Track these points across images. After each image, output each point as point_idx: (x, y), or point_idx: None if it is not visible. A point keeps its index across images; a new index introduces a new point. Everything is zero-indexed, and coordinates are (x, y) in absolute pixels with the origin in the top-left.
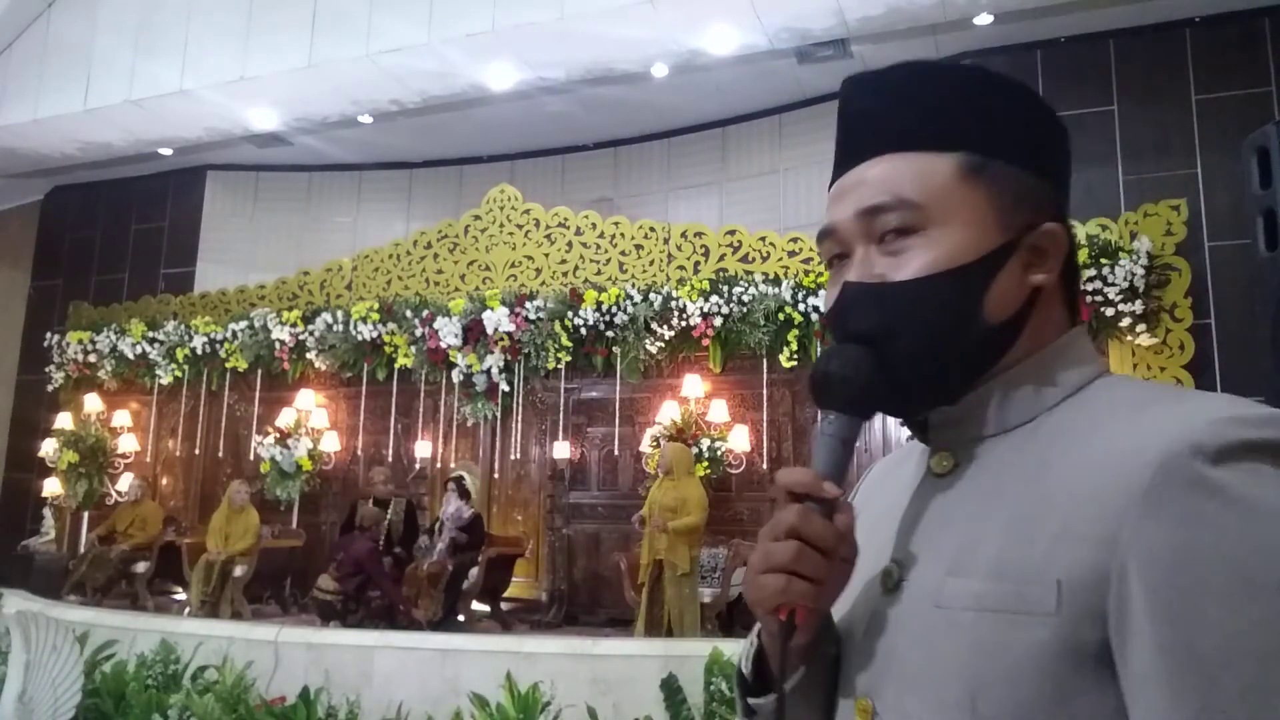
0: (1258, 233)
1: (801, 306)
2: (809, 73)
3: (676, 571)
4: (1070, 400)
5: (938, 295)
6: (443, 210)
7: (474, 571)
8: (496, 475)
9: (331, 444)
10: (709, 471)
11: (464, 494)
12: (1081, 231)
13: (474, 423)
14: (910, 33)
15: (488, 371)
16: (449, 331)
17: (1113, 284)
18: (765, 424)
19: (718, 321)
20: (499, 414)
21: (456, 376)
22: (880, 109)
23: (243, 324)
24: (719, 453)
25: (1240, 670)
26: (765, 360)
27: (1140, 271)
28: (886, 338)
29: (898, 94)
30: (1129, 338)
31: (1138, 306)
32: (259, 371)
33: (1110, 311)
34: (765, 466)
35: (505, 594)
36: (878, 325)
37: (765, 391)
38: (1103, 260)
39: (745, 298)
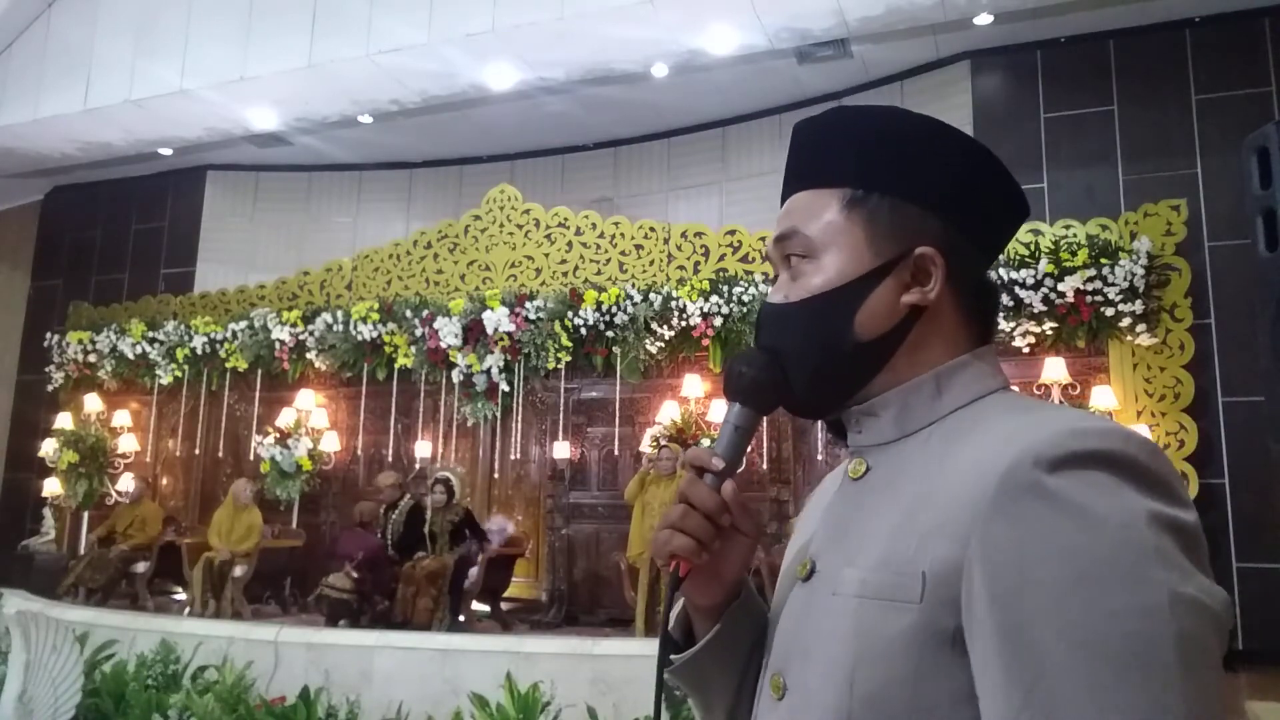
0: (1258, 233)
1: None
2: (809, 73)
3: None
4: (961, 411)
5: (815, 315)
6: (443, 210)
7: (474, 571)
8: (497, 475)
9: (331, 444)
10: None
11: (451, 494)
12: (1082, 231)
13: (474, 423)
14: (909, 33)
15: (488, 371)
16: (449, 331)
17: (1113, 284)
18: (765, 424)
19: (718, 321)
20: (499, 414)
21: (456, 376)
22: (799, 150)
23: (242, 324)
24: None
25: (1064, 656)
26: None
27: (1140, 271)
28: (782, 349)
29: (812, 137)
30: (1129, 338)
31: (1138, 306)
32: (259, 372)
33: (1110, 311)
34: (764, 467)
35: (505, 594)
36: (776, 339)
37: None
38: (1103, 260)
39: (745, 297)
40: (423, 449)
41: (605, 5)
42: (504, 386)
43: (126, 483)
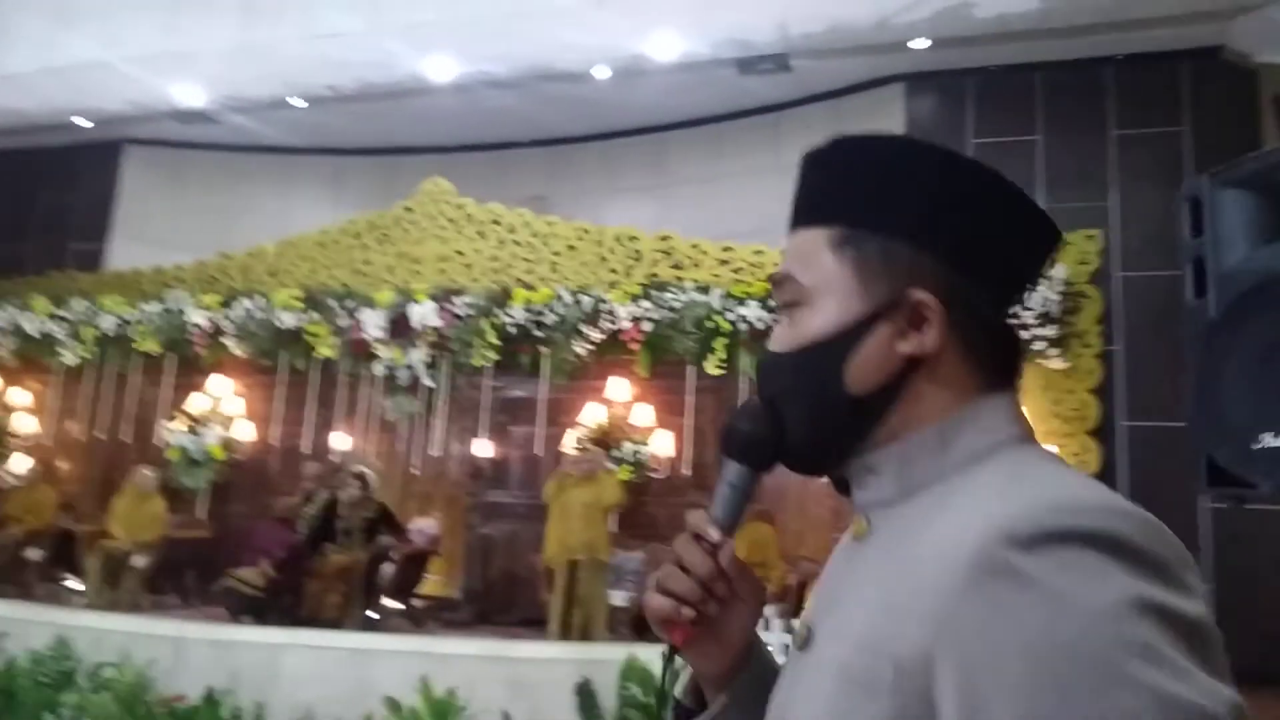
0: (1187, 279)
1: (730, 315)
2: (749, 84)
3: (593, 567)
4: (966, 471)
5: (807, 366)
6: (373, 200)
7: (388, 568)
8: (416, 471)
9: (245, 433)
10: (631, 475)
11: (366, 489)
12: None
13: (394, 418)
14: (848, 51)
15: (411, 366)
16: (374, 324)
17: (1029, 309)
18: (689, 430)
19: (647, 326)
20: (421, 410)
21: (379, 370)
22: (800, 184)
23: (156, 306)
24: (641, 457)
25: None
26: (692, 367)
27: (1056, 298)
28: (778, 402)
29: (810, 170)
30: (1041, 361)
31: (1051, 331)
32: (171, 356)
33: (1026, 335)
34: (687, 473)
35: (418, 591)
36: (772, 390)
37: (691, 398)
38: None
39: (676, 304)
40: (340, 442)
41: (553, 4)
42: (428, 382)
43: (20, 464)
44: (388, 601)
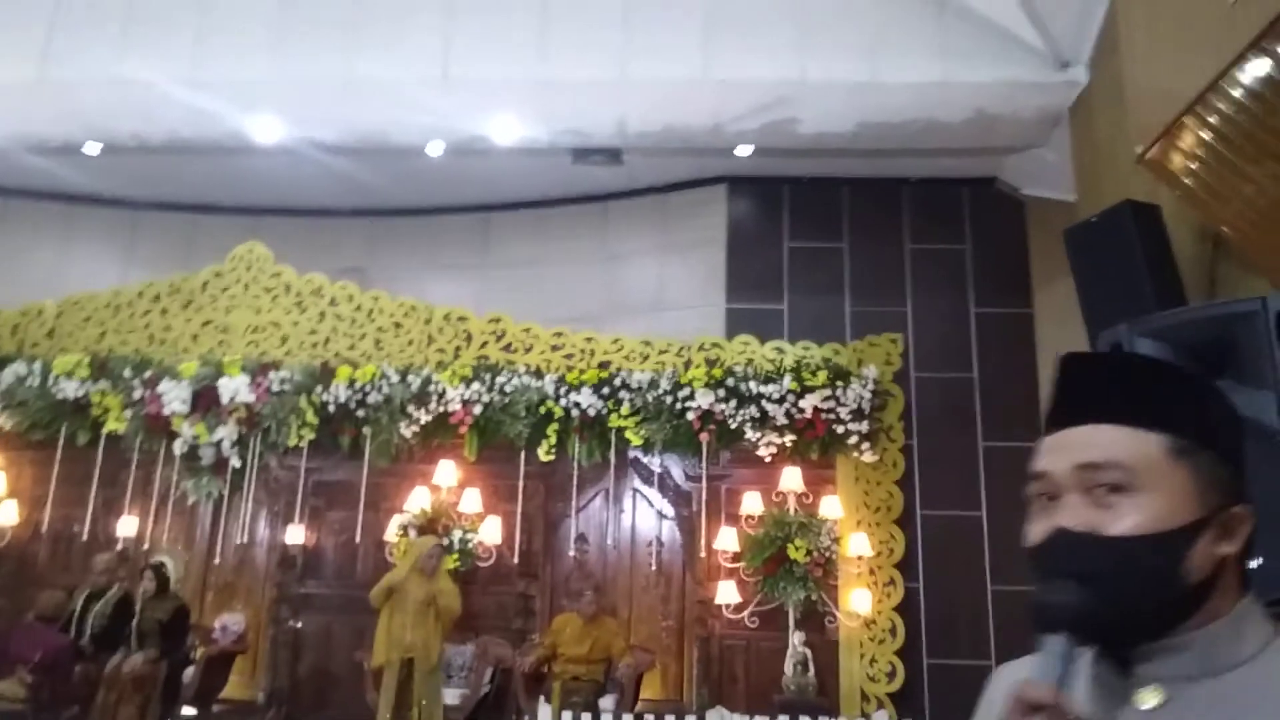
0: None
1: (563, 401)
2: (579, 172)
3: (429, 666)
4: (1260, 657)
5: (1146, 553)
6: (169, 260)
7: (190, 671)
8: (217, 560)
9: (8, 515)
10: (458, 564)
11: (163, 584)
12: (819, 354)
13: (194, 500)
14: (677, 151)
15: (218, 444)
16: (175, 396)
17: (844, 404)
18: (518, 517)
19: (478, 409)
20: (225, 491)
21: (179, 447)
22: (1101, 385)
23: None
24: (470, 544)
25: None
26: (523, 452)
27: (867, 395)
28: (1096, 579)
29: (1116, 376)
30: (854, 454)
31: (863, 426)
32: None
33: (841, 429)
34: (515, 560)
35: (221, 695)
36: (1089, 568)
37: (520, 484)
38: (838, 382)
39: (508, 388)
40: (127, 527)
41: (398, 77)
42: (235, 462)
43: None
44: (187, 709)
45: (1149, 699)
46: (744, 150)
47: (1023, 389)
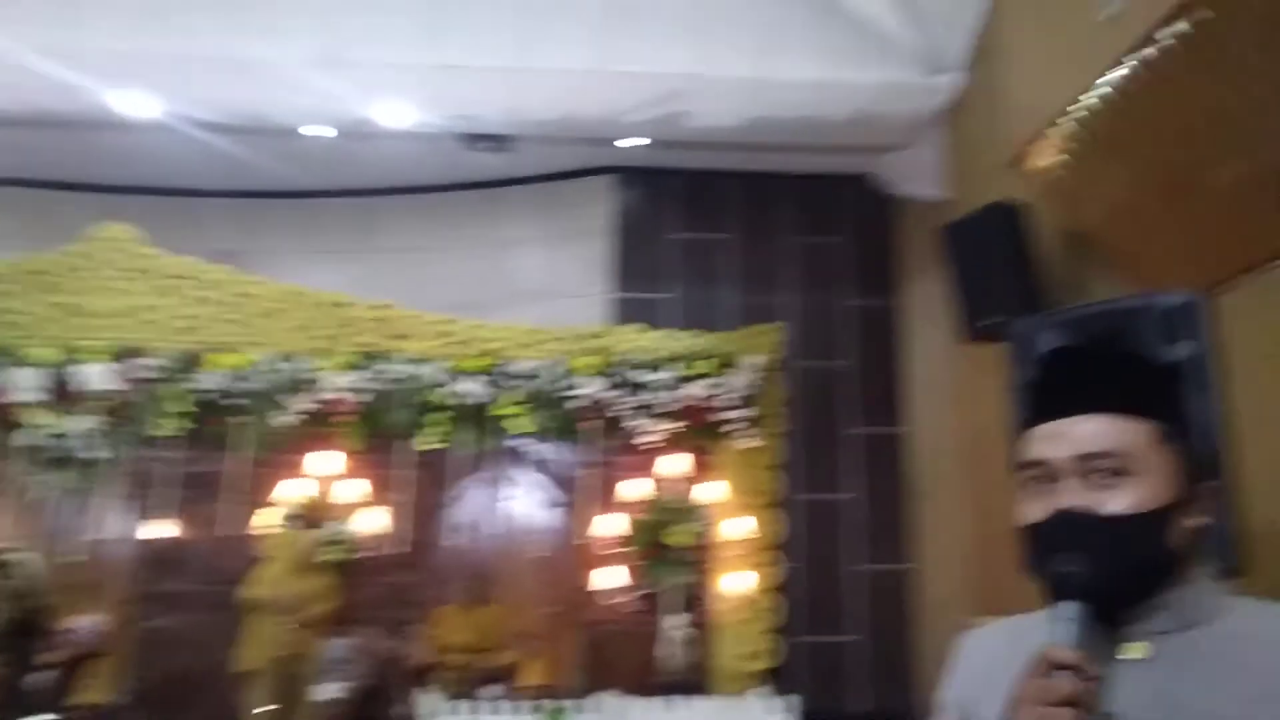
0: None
1: (447, 389)
2: (469, 159)
3: (305, 663)
4: (1225, 614)
5: (1139, 528)
6: (13, 240)
7: (40, 676)
8: (77, 559)
9: None
10: (336, 556)
11: (14, 583)
12: (704, 343)
13: (44, 496)
14: (570, 140)
15: (68, 435)
16: (26, 384)
17: (727, 392)
18: (399, 507)
19: (358, 398)
20: (84, 485)
21: (25, 439)
22: (1092, 378)
23: None
24: (348, 536)
25: None
26: (405, 441)
27: (748, 384)
28: (1098, 552)
29: (1104, 369)
30: (735, 440)
31: (745, 413)
32: None
33: (723, 416)
34: (395, 551)
35: (77, 699)
36: (1091, 543)
37: (401, 473)
38: (723, 370)
39: (392, 376)
40: None
41: (284, 56)
42: (92, 454)
43: None
44: (43, 716)
45: (1137, 651)
46: (637, 141)
47: (883, 379)
